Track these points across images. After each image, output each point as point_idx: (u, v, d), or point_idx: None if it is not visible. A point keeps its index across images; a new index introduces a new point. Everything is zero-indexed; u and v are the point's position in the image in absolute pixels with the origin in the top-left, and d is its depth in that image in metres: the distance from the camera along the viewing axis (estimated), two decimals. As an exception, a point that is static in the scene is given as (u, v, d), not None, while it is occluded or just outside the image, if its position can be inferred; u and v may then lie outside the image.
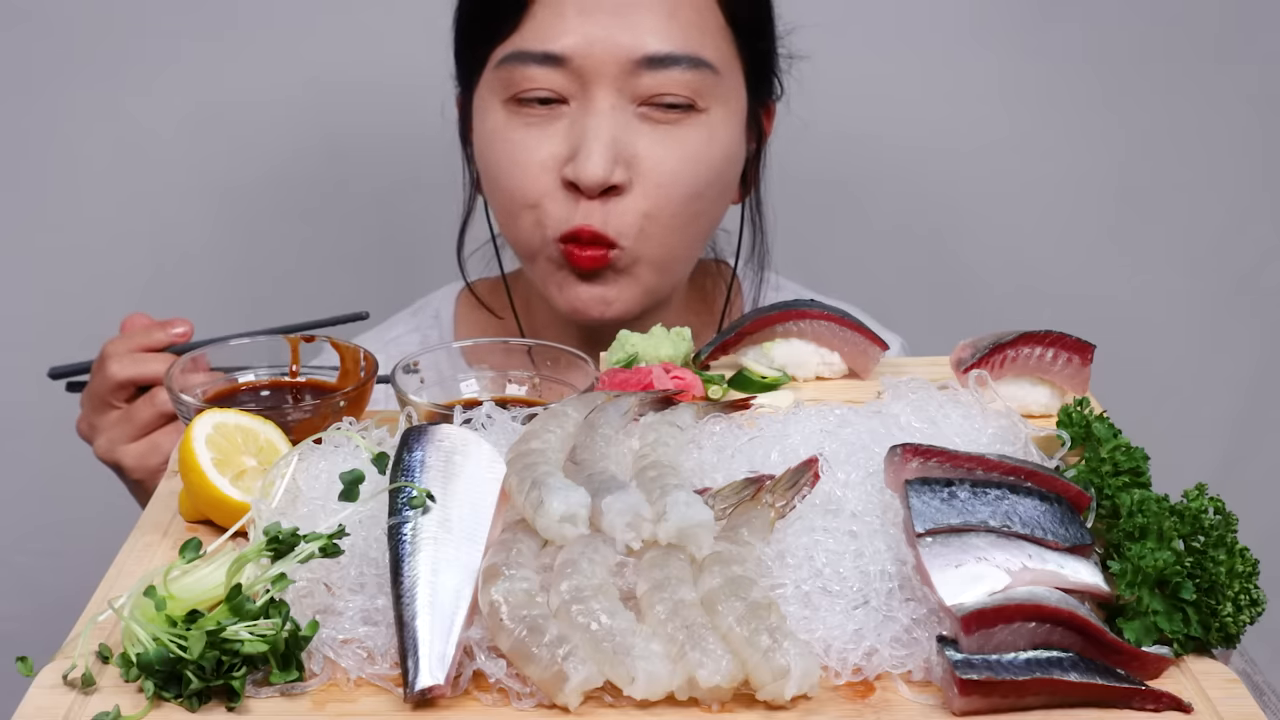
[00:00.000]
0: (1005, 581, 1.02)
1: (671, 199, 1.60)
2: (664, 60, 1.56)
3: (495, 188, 1.66)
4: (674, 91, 1.58)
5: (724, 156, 1.64)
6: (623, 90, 1.57)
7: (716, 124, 1.62)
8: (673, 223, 1.62)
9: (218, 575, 1.04)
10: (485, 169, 1.67)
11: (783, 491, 1.12)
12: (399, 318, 1.93)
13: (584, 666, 0.97)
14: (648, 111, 1.59)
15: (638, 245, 1.61)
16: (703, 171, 1.61)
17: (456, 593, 1.02)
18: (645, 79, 1.57)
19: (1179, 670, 1.04)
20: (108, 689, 1.01)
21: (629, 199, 1.59)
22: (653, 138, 1.59)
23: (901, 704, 1.00)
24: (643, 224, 1.60)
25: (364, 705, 1.00)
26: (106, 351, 1.55)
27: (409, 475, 1.10)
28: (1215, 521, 1.08)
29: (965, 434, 1.24)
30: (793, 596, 1.05)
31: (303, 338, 1.43)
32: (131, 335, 1.56)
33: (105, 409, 1.56)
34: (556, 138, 1.59)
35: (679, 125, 1.59)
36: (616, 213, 1.59)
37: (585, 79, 1.57)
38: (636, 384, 1.33)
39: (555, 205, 1.60)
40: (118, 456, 1.55)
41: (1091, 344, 1.37)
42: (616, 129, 1.57)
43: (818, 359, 1.44)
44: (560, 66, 1.57)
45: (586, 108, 1.58)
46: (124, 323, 1.59)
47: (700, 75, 1.58)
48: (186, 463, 1.18)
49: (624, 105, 1.58)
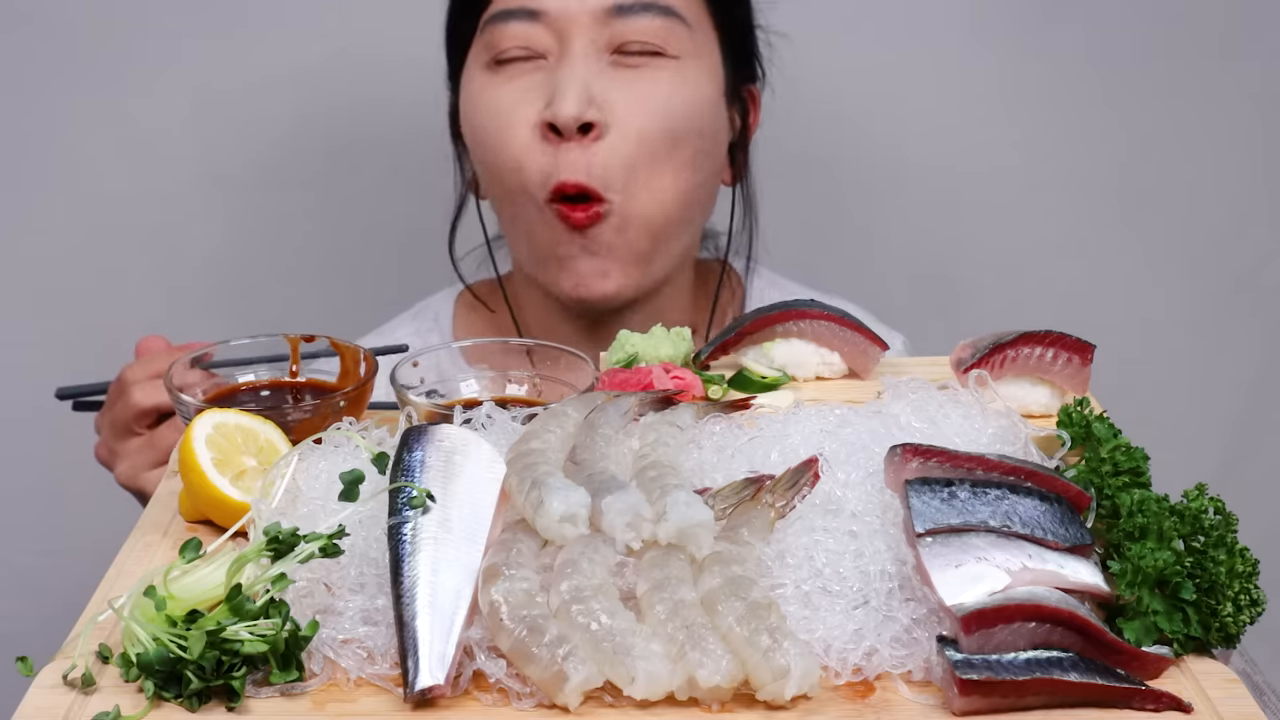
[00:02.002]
0: (1005, 581, 1.02)
1: (648, 140, 1.65)
2: (633, 8, 1.64)
3: (482, 151, 1.71)
4: (642, 39, 1.65)
5: (697, 102, 1.69)
6: (596, 39, 1.65)
7: (687, 70, 1.68)
8: (656, 168, 1.66)
9: (218, 575, 1.04)
10: (471, 135, 1.73)
11: (783, 491, 1.12)
12: (399, 320, 1.94)
13: (584, 666, 0.97)
14: (619, 59, 1.66)
15: (626, 199, 1.65)
16: (675, 112, 1.67)
17: (456, 593, 1.02)
18: (616, 26, 1.65)
19: (1179, 670, 1.04)
20: (108, 689, 1.01)
21: (607, 144, 1.64)
22: (623, 81, 1.65)
23: (901, 704, 1.00)
24: (626, 175, 1.65)
25: (364, 705, 1.00)
26: (127, 378, 1.54)
27: (409, 475, 1.10)
28: (1215, 521, 1.08)
29: (965, 434, 1.24)
30: (793, 596, 1.05)
31: (303, 337, 1.43)
32: (151, 360, 1.55)
33: (127, 436, 1.55)
34: (533, 90, 1.66)
35: (648, 68, 1.66)
36: (598, 160, 1.63)
37: (562, 31, 1.64)
38: (636, 384, 1.33)
39: (537, 158, 1.65)
40: (141, 483, 1.55)
41: (1091, 344, 1.37)
42: (589, 74, 1.64)
43: (818, 359, 1.45)
44: (537, 20, 1.65)
45: (563, 56, 1.65)
46: (139, 346, 1.59)
47: (668, 23, 1.66)
48: (186, 463, 1.18)
49: (596, 54, 1.65)
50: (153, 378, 1.52)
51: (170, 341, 1.59)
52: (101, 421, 1.60)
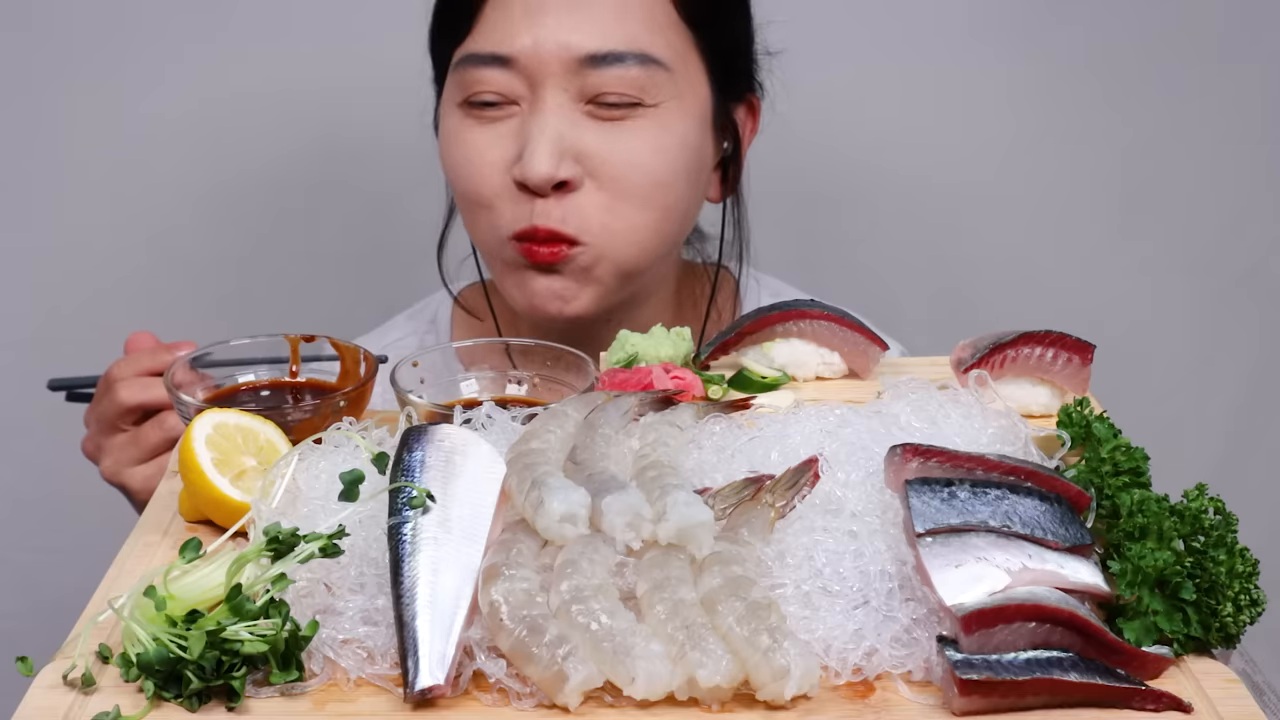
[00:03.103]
0: (1005, 581, 1.02)
1: (629, 191, 1.60)
2: (607, 58, 1.57)
3: (455, 189, 1.69)
4: (619, 90, 1.58)
5: (679, 149, 1.63)
6: (568, 89, 1.58)
7: (669, 117, 1.62)
8: (639, 217, 1.62)
9: (218, 575, 1.04)
10: (446, 170, 1.70)
11: (783, 491, 1.12)
12: (397, 320, 1.94)
13: (584, 666, 0.97)
14: (594, 109, 1.59)
15: (603, 242, 1.61)
16: (658, 163, 1.61)
17: (456, 593, 1.02)
18: (590, 77, 1.58)
19: (1179, 670, 1.04)
20: (108, 689, 1.01)
21: (585, 194, 1.60)
22: (600, 133, 1.59)
23: (901, 704, 1.00)
24: (606, 219, 1.60)
25: (364, 705, 1.00)
26: (113, 375, 1.54)
27: (409, 475, 1.10)
28: (1215, 521, 1.08)
29: (965, 434, 1.24)
30: (793, 596, 1.05)
31: (303, 337, 1.43)
32: (138, 358, 1.55)
33: (112, 432, 1.56)
34: (507, 138, 1.61)
35: (627, 120, 1.60)
36: (574, 209, 1.59)
37: (533, 79, 1.58)
38: (636, 384, 1.33)
39: (507, 205, 1.61)
40: (124, 479, 1.55)
41: (1091, 344, 1.37)
42: (563, 126, 1.58)
43: (818, 359, 1.45)
44: (508, 67, 1.58)
45: (535, 108, 1.59)
46: (128, 342, 1.59)
47: (648, 72, 1.59)
48: (186, 463, 1.18)
49: (570, 104, 1.59)
50: (139, 375, 1.52)
51: (159, 339, 1.58)
52: (89, 416, 1.60)
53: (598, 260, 1.62)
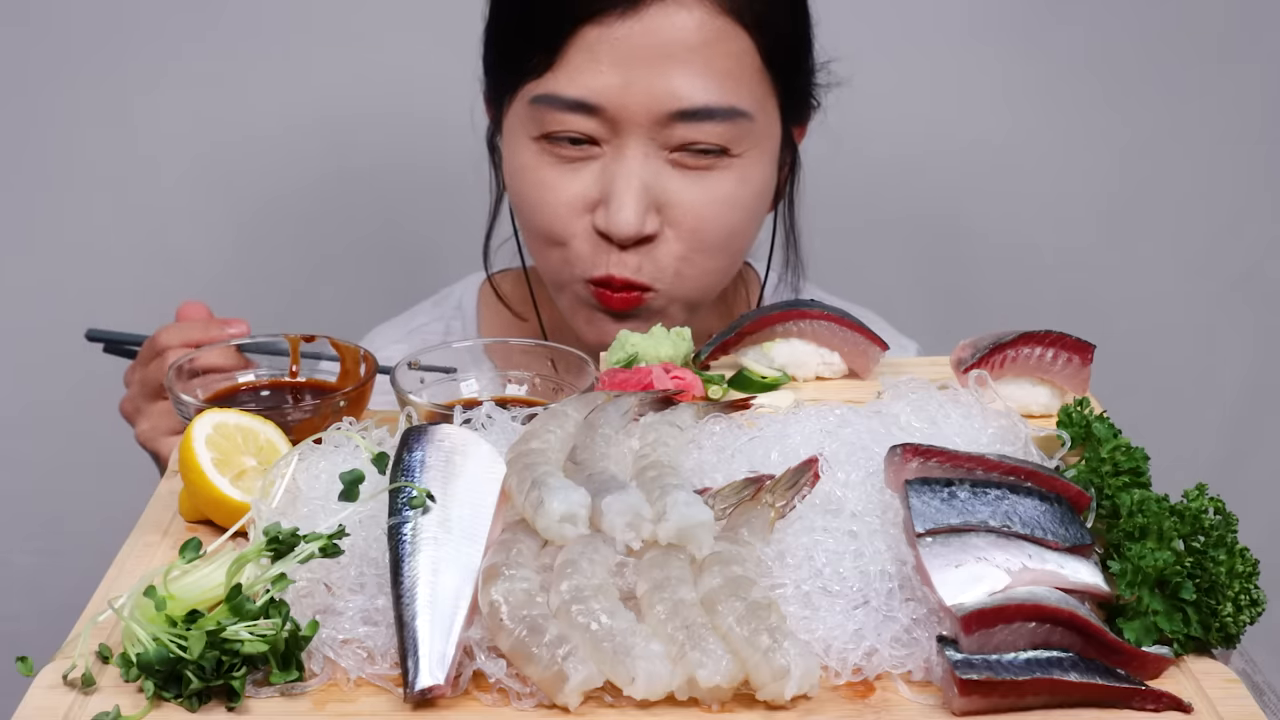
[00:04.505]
0: (1005, 581, 1.02)
1: (705, 242, 1.60)
2: (699, 113, 1.54)
3: (524, 222, 1.67)
4: (707, 141, 1.56)
5: (757, 196, 1.63)
6: (655, 138, 1.56)
7: (750, 167, 1.60)
8: (711, 264, 1.63)
9: (218, 575, 1.04)
10: (515, 202, 1.67)
11: (783, 491, 1.12)
12: (421, 307, 1.93)
13: (584, 666, 0.97)
14: (680, 158, 1.57)
15: (673, 287, 1.62)
16: (737, 214, 1.61)
17: (456, 593, 1.02)
18: (679, 130, 1.55)
19: (1179, 670, 1.04)
20: (108, 689, 1.01)
21: (662, 245, 1.59)
22: (684, 183, 1.58)
23: (901, 704, 1.00)
24: (679, 267, 1.60)
25: (364, 705, 1.00)
26: (162, 341, 1.51)
27: (409, 475, 1.10)
28: (1215, 521, 1.08)
29: (965, 434, 1.24)
30: (793, 596, 1.05)
31: (303, 337, 1.43)
32: (189, 327, 1.51)
33: (154, 398, 1.54)
34: (587, 179, 1.58)
35: (712, 171, 1.58)
36: (650, 260, 1.59)
37: (618, 126, 1.55)
38: (636, 384, 1.33)
39: (584, 246, 1.60)
40: (158, 446, 1.54)
41: (1091, 344, 1.37)
42: (648, 176, 1.56)
43: (818, 359, 1.45)
44: (593, 114, 1.55)
45: (618, 154, 1.56)
46: (181, 310, 1.56)
47: (735, 125, 1.57)
48: (186, 463, 1.19)
49: (656, 152, 1.57)
50: (186, 345, 1.49)
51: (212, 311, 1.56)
52: (131, 377, 1.57)
53: (669, 303, 1.63)
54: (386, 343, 1.86)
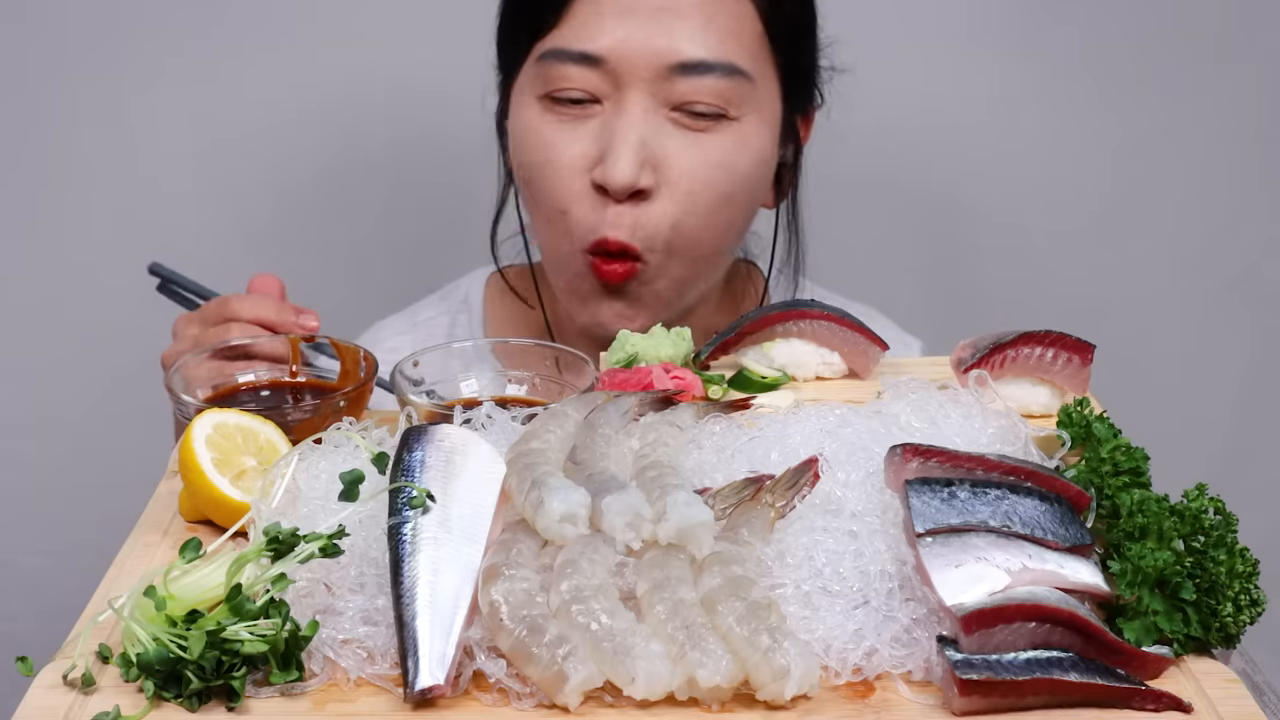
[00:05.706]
0: (1005, 581, 1.02)
1: (699, 205, 1.61)
2: (698, 67, 1.57)
3: (527, 185, 1.68)
4: (706, 99, 1.58)
5: (754, 164, 1.64)
6: (655, 94, 1.58)
7: (748, 132, 1.62)
8: (700, 232, 1.63)
9: (218, 575, 1.04)
10: (518, 165, 1.69)
11: (783, 491, 1.12)
12: (428, 301, 1.93)
13: (584, 666, 0.97)
14: (679, 117, 1.59)
15: (664, 260, 1.62)
16: (732, 179, 1.62)
17: (456, 593, 1.02)
18: (679, 84, 1.58)
19: (1179, 670, 1.04)
20: (108, 689, 1.01)
21: (656, 205, 1.60)
22: (682, 142, 1.59)
23: (901, 704, 1.00)
24: (670, 235, 1.61)
25: (364, 705, 1.00)
26: (232, 309, 1.48)
27: (409, 475, 1.10)
28: (1215, 521, 1.08)
29: (965, 434, 1.24)
30: (793, 596, 1.05)
31: (303, 337, 1.43)
32: (263, 303, 1.48)
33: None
34: (587, 138, 1.60)
35: (709, 132, 1.60)
36: (644, 220, 1.60)
37: (619, 80, 1.58)
38: (636, 384, 1.34)
39: (583, 210, 1.61)
40: None
41: (1091, 344, 1.37)
42: (646, 132, 1.58)
43: (818, 359, 1.45)
44: (596, 67, 1.58)
45: (619, 108, 1.59)
46: (254, 282, 1.53)
47: (734, 83, 1.59)
48: (186, 463, 1.18)
49: (656, 109, 1.59)
50: (253, 321, 1.47)
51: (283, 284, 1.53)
52: (185, 331, 1.53)
53: (657, 276, 1.63)
54: (391, 334, 1.87)
